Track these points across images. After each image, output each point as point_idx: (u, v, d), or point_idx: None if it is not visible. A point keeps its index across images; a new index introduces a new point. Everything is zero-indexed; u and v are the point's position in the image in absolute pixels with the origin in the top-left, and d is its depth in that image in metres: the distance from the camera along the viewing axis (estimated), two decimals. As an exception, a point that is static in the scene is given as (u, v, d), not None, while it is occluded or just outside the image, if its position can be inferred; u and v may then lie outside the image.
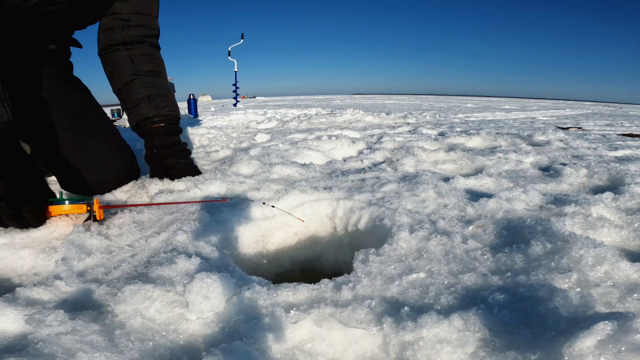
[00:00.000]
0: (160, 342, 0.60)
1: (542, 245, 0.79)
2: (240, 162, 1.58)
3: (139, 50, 1.41)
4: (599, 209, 1.05)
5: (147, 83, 1.41)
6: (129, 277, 0.77)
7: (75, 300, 0.70)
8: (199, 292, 0.66)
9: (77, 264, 0.83)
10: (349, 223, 1.13)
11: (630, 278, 0.67)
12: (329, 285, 0.71)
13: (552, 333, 0.55)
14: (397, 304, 0.66)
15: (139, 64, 1.41)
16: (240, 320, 0.63)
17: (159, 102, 1.41)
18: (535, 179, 1.44)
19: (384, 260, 0.79)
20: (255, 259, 1.07)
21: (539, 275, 0.69)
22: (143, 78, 1.41)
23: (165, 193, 1.24)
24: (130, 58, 1.40)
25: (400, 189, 1.25)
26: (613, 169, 1.46)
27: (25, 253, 0.87)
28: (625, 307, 0.62)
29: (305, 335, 0.60)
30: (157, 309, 0.66)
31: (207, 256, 0.85)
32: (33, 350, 0.55)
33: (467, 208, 1.07)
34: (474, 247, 0.84)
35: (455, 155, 1.87)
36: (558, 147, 2.20)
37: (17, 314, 0.62)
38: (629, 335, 0.46)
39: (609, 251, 0.72)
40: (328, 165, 1.68)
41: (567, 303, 0.59)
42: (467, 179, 1.35)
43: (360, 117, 4.47)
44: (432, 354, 0.54)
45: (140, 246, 0.91)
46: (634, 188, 1.17)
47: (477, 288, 0.69)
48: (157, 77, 1.45)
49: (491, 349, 0.54)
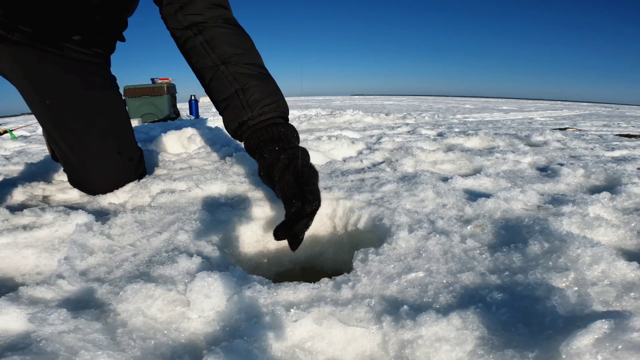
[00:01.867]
0: (161, 340, 0.60)
1: (539, 244, 0.79)
2: (241, 162, 1.59)
3: (210, 31, 1.11)
4: (596, 209, 1.05)
5: (232, 72, 1.07)
6: (131, 276, 0.78)
7: (78, 299, 0.71)
8: (200, 291, 0.66)
9: (80, 263, 0.83)
10: (349, 222, 1.13)
11: (627, 277, 0.68)
12: (329, 285, 0.72)
13: (549, 331, 0.56)
14: (397, 302, 0.66)
15: (217, 49, 1.09)
16: (241, 319, 0.64)
17: (252, 94, 1.04)
18: (533, 179, 1.45)
19: (383, 259, 0.80)
20: (256, 258, 1.08)
21: (536, 274, 0.70)
22: (225, 68, 1.08)
23: (167, 193, 1.25)
24: (202, 45, 1.10)
25: (399, 189, 1.26)
26: (610, 169, 1.47)
27: (29, 252, 0.87)
28: (622, 305, 0.62)
29: (305, 333, 0.61)
30: (158, 307, 0.66)
31: (208, 255, 0.86)
32: (36, 348, 0.55)
33: (466, 208, 1.08)
34: (473, 247, 0.85)
35: (453, 156, 1.88)
36: (555, 148, 2.21)
37: (20, 313, 0.63)
38: (625, 334, 0.47)
39: (606, 250, 0.73)
40: (328, 166, 1.69)
41: (565, 302, 0.59)
42: (466, 179, 1.36)
43: (359, 117, 4.48)
44: (431, 352, 0.55)
45: (142, 245, 0.91)
46: (631, 188, 1.18)
47: (476, 287, 0.70)
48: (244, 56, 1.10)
49: (489, 347, 0.55)
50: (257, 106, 1.03)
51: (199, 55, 1.12)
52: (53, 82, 1.27)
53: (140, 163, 1.46)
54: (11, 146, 3.20)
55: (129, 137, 1.44)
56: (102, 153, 1.33)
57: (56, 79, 1.27)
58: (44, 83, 1.26)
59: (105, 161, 1.34)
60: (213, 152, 1.96)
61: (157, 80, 6.18)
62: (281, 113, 1.07)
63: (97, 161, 1.32)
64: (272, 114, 1.04)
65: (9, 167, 1.96)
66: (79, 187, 1.38)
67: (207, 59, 1.11)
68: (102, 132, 1.34)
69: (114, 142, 1.37)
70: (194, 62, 1.16)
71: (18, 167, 1.95)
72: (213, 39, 1.11)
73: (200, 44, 1.11)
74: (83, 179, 1.36)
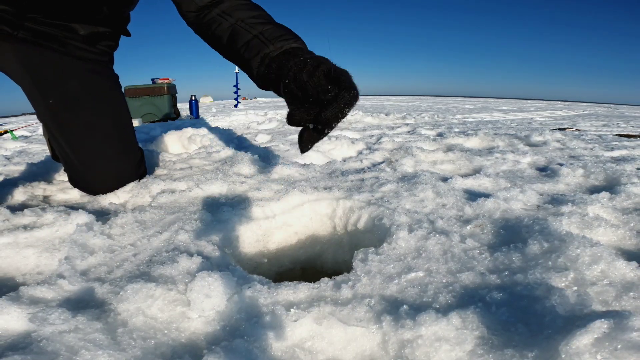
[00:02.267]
0: (162, 340, 0.60)
1: (539, 244, 0.79)
2: (241, 162, 1.59)
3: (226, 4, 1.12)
4: (595, 209, 1.06)
5: (249, 24, 1.08)
6: (131, 276, 0.78)
7: (78, 298, 0.71)
8: (201, 291, 0.67)
9: (80, 263, 0.83)
10: (349, 222, 1.14)
11: (627, 277, 0.68)
12: (329, 284, 0.72)
13: (549, 331, 0.56)
14: (396, 302, 0.66)
15: (234, 14, 1.10)
16: (241, 319, 0.64)
17: (271, 34, 1.03)
18: (532, 179, 1.45)
19: (383, 259, 0.80)
20: (256, 258, 1.08)
21: (536, 274, 0.70)
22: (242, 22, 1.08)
23: (167, 193, 1.25)
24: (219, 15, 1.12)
25: (399, 189, 1.26)
26: (609, 169, 1.47)
27: (29, 252, 0.87)
28: (621, 305, 0.62)
29: (305, 333, 0.61)
30: (159, 307, 0.66)
31: (209, 255, 0.86)
32: (36, 348, 0.55)
33: (466, 208, 1.08)
34: (472, 247, 0.85)
35: (453, 156, 1.88)
36: (555, 148, 2.21)
37: (20, 313, 0.63)
38: (625, 334, 0.47)
39: (606, 250, 0.73)
40: (328, 166, 1.69)
41: (564, 301, 0.60)
42: (465, 179, 1.36)
43: (359, 117, 4.48)
44: (431, 352, 0.55)
45: (143, 245, 0.91)
46: (630, 188, 1.18)
47: (475, 287, 0.70)
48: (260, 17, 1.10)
49: (489, 347, 0.55)
50: (277, 40, 1.01)
51: (216, 23, 1.12)
52: (56, 81, 1.26)
53: (141, 163, 1.46)
54: (12, 146, 3.20)
55: (131, 138, 1.44)
56: (105, 154, 1.33)
57: (60, 78, 1.26)
58: (48, 82, 1.25)
59: (107, 162, 1.34)
60: (213, 152, 1.97)
61: (158, 81, 6.18)
62: (302, 44, 1.02)
63: (99, 162, 1.32)
64: (294, 44, 1.00)
65: (10, 167, 1.96)
66: (79, 187, 1.38)
67: (224, 23, 1.11)
68: (105, 133, 1.34)
69: (116, 143, 1.37)
70: (211, 31, 1.14)
71: (19, 167, 1.95)
72: (229, 8, 1.12)
73: (217, 15, 1.12)
74: (84, 179, 1.36)
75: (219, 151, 2.10)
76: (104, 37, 1.36)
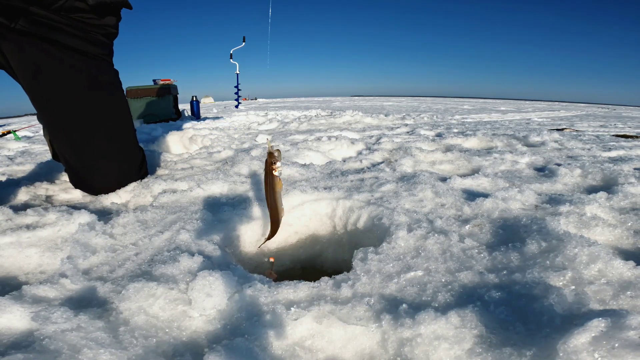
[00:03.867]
0: (163, 338, 0.61)
1: (537, 243, 0.80)
2: (242, 163, 1.60)
3: None
4: (593, 209, 1.06)
5: None
6: (133, 275, 0.78)
7: (81, 297, 0.72)
8: (202, 290, 0.67)
9: (82, 262, 0.84)
10: (349, 222, 1.14)
11: (624, 276, 0.69)
12: (329, 283, 0.73)
13: (547, 330, 0.56)
14: (396, 301, 0.67)
15: None
16: (241, 318, 0.64)
17: None
18: (530, 179, 1.46)
19: (382, 258, 0.81)
20: (257, 257, 1.08)
21: (534, 273, 0.70)
22: None
23: (169, 193, 1.26)
24: None
25: (398, 189, 1.27)
26: (607, 169, 1.48)
27: (32, 251, 0.88)
28: (618, 304, 0.63)
29: (305, 332, 0.61)
30: (160, 306, 0.67)
31: (210, 254, 0.86)
32: (39, 346, 0.56)
33: (464, 207, 1.08)
34: (471, 246, 0.85)
35: (452, 156, 1.89)
36: (553, 148, 2.22)
37: (23, 311, 0.64)
38: (622, 332, 0.48)
39: (603, 250, 0.73)
40: (328, 166, 1.69)
41: (562, 300, 0.60)
42: (464, 179, 1.36)
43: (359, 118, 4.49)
44: (430, 350, 0.55)
45: (144, 245, 0.92)
46: (627, 188, 1.19)
47: (474, 286, 0.70)
48: None
49: (487, 346, 0.55)
50: None
51: None
52: (58, 82, 1.25)
53: (142, 163, 1.46)
54: (14, 146, 3.20)
55: (132, 138, 1.44)
56: (106, 155, 1.33)
57: (61, 78, 1.25)
58: (49, 83, 1.25)
59: (109, 163, 1.34)
60: (214, 152, 1.97)
61: (159, 81, 6.18)
62: None
63: (101, 162, 1.32)
64: None
65: (13, 167, 1.96)
66: (80, 187, 1.39)
67: None
68: (106, 134, 1.34)
69: (117, 144, 1.37)
70: None
71: (21, 167, 1.96)
72: None
73: None
74: (85, 179, 1.36)
75: (220, 151, 2.11)
76: (109, 9, 1.31)
